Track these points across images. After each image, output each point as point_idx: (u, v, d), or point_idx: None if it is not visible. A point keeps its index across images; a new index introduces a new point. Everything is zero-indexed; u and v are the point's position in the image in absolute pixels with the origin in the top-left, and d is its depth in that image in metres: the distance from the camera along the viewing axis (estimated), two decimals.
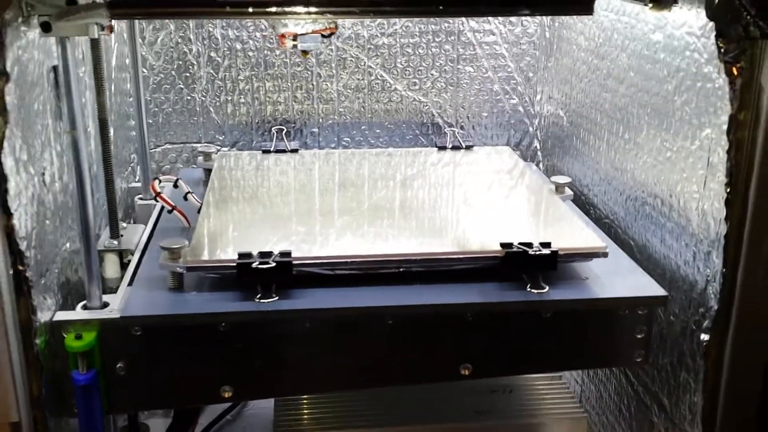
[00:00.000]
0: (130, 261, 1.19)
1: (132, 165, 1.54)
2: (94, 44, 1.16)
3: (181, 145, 1.61)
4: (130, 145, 1.53)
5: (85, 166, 0.99)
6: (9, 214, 0.85)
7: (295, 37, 1.05)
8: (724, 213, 0.92)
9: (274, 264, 0.99)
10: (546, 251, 1.03)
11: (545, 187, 1.33)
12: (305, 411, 1.30)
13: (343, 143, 1.64)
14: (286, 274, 1.00)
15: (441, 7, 0.93)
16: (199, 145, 1.60)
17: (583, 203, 1.40)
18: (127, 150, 1.51)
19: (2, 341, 0.86)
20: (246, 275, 1.00)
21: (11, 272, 0.86)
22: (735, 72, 0.88)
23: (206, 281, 1.06)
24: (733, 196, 0.91)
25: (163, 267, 1.04)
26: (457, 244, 1.11)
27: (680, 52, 1.04)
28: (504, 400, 1.35)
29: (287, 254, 1.02)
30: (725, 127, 0.92)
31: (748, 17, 0.84)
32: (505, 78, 1.65)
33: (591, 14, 1.13)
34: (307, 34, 1.03)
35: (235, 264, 1.00)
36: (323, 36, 1.06)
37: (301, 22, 1.02)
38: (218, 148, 1.59)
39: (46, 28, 0.91)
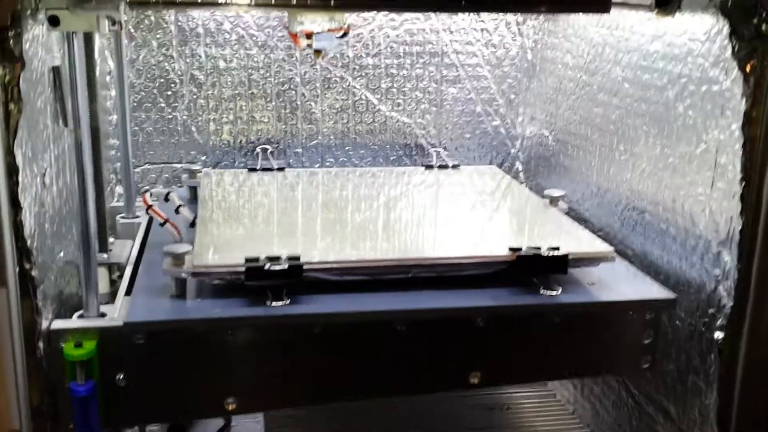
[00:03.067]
0: (119, 277, 1.15)
1: (111, 185, 1.50)
2: (89, 51, 1.13)
3: (162, 165, 1.58)
4: (109, 164, 1.48)
5: (87, 168, 0.95)
6: (18, 208, 0.81)
7: (309, 35, 1.03)
8: (739, 208, 0.93)
9: (286, 266, 0.97)
10: (557, 253, 1.03)
11: (540, 200, 1.33)
12: (298, 426, 1.27)
13: (327, 164, 1.63)
14: (297, 276, 0.97)
15: (463, 3, 0.93)
16: (180, 165, 1.57)
17: (575, 219, 1.40)
18: (106, 169, 1.47)
19: (8, 344, 0.82)
20: (256, 278, 0.97)
21: (17, 270, 0.82)
22: (748, 69, 0.90)
23: (208, 289, 1.03)
24: (747, 192, 0.92)
25: (166, 273, 1.00)
26: (467, 252, 1.09)
27: (682, 59, 1.06)
28: (501, 417, 1.33)
29: (296, 258, 0.99)
30: (734, 126, 0.94)
31: (764, 14, 0.86)
32: (487, 100, 1.66)
33: (608, 12, 1.14)
34: (322, 32, 1.01)
35: (244, 268, 0.97)
36: (337, 37, 1.05)
37: (318, 20, 1.01)
38: (201, 168, 1.56)
39: (53, 22, 0.88)
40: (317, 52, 1.06)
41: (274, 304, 0.96)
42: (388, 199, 1.33)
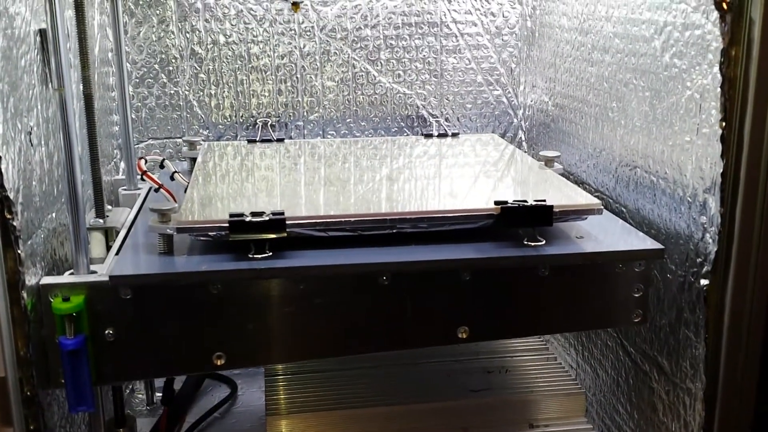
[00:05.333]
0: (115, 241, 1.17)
1: (115, 160, 1.52)
2: (80, 18, 1.15)
3: (165, 140, 1.60)
4: (112, 140, 1.51)
5: (72, 126, 0.97)
6: None
7: None
8: (720, 150, 0.92)
9: (267, 218, 0.98)
10: (542, 204, 1.02)
11: (536, 164, 1.33)
12: (297, 391, 1.27)
13: (328, 136, 1.63)
14: (279, 229, 0.98)
15: None
16: (182, 139, 1.59)
17: (572, 181, 1.40)
18: (109, 145, 1.49)
19: None
20: (239, 232, 0.98)
21: None
22: (725, 6, 0.89)
23: (196, 247, 1.04)
24: (728, 133, 0.91)
25: (152, 229, 1.01)
26: (452, 206, 1.09)
27: (666, 7, 1.06)
28: (500, 379, 1.33)
29: (280, 213, 1.00)
30: (715, 69, 0.93)
31: None
32: (487, 69, 1.66)
33: None
34: None
35: (227, 223, 0.98)
36: None
37: None
38: (201, 140, 1.58)
39: None
40: (294, 5, 1.06)
41: (256, 256, 0.97)
42: (391, 171, 1.34)
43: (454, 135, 1.55)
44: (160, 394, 1.51)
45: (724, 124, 0.90)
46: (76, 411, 0.97)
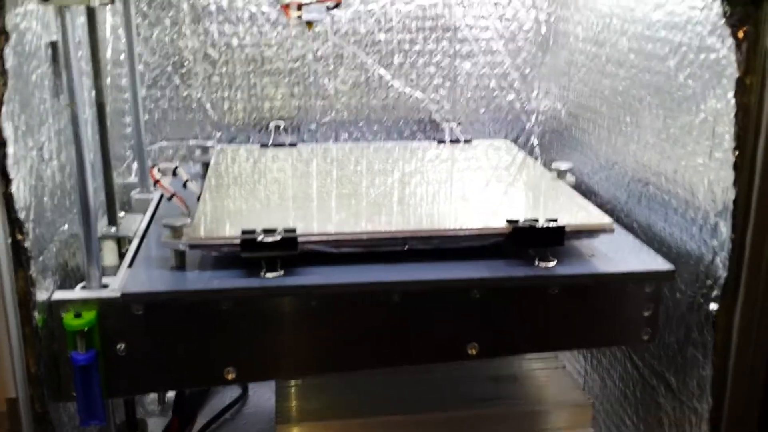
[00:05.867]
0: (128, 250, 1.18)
1: (128, 162, 1.53)
2: (92, 27, 1.15)
3: (178, 141, 1.60)
4: (125, 142, 1.51)
5: (84, 140, 0.97)
6: (8, 180, 0.83)
7: (299, 7, 1.04)
8: (732, 178, 0.91)
9: (279, 238, 0.98)
10: (553, 225, 1.02)
11: (547, 174, 1.32)
12: (307, 400, 1.28)
13: (341, 140, 1.63)
14: (291, 248, 0.99)
15: None
16: (195, 142, 1.59)
17: (583, 192, 1.39)
18: (122, 147, 1.50)
19: (0, 313, 0.84)
20: (251, 250, 0.98)
21: (9, 241, 0.85)
22: (741, 36, 0.88)
23: (208, 261, 1.04)
24: (740, 161, 0.90)
25: (165, 245, 1.02)
26: (463, 224, 1.09)
27: (681, 28, 1.05)
28: (507, 388, 1.33)
29: (292, 231, 1.00)
30: (730, 94, 0.92)
31: None
32: (501, 74, 1.65)
33: None
34: (311, 3, 1.02)
35: (239, 240, 0.99)
36: (328, 8, 1.05)
37: None
38: (213, 145, 1.58)
39: None
40: (309, 23, 1.06)
41: (267, 275, 0.98)
42: (405, 171, 1.34)
43: (467, 141, 1.55)
44: (172, 393, 1.52)
45: (737, 153, 0.90)
46: (87, 425, 0.98)
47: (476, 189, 1.26)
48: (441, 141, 1.55)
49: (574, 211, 1.12)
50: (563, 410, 1.28)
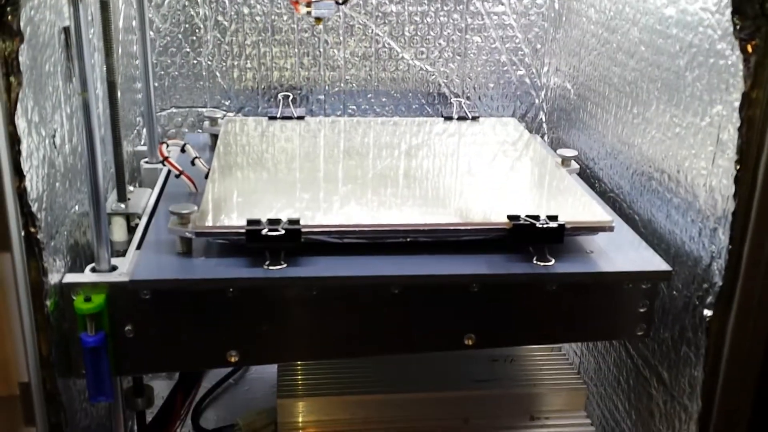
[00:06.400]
0: (137, 225, 1.20)
1: (138, 128, 1.54)
2: (104, 5, 1.15)
3: (187, 109, 1.61)
4: (135, 108, 1.52)
5: (95, 129, 0.98)
6: (21, 176, 0.85)
7: (308, 3, 1.04)
8: (733, 190, 0.92)
9: (283, 231, 1.00)
10: (553, 224, 1.04)
11: (551, 159, 1.33)
12: (308, 376, 1.32)
13: (349, 111, 1.64)
14: (294, 241, 1.01)
15: None
16: (204, 109, 1.60)
17: (588, 176, 1.41)
18: (132, 113, 1.51)
19: (13, 303, 0.87)
20: (255, 242, 1.00)
21: (23, 234, 0.87)
22: (749, 50, 0.88)
23: (214, 246, 1.06)
24: (742, 174, 0.91)
25: (171, 232, 1.04)
26: (462, 215, 1.11)
27: (693, 28, 1.04)
28: (504, 369, 1.36)
29: (296, 222, 1.02)
30: (737, 104, 0.92)
31: None
32: (512, 49, 1.64)
33: None
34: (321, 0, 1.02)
35: (244, 230, 1.01)
36: (337, 2, 1.05)
37: None
38: (224, 113, 1.59)
39: None
40: (317, 19, 1.06)
41: (271, 267, 1.00)
42: (410, 147, 1.37)
43: (474, 119, 1.55)
44: None
45: (738, 167, 0.91)
46: (96, 401, 1.02)
47: (477, 177, 1.27)
48: (448, 118, 1.56)
49: (575, 205, 1.14)
50: (559, 394, 1.32)
